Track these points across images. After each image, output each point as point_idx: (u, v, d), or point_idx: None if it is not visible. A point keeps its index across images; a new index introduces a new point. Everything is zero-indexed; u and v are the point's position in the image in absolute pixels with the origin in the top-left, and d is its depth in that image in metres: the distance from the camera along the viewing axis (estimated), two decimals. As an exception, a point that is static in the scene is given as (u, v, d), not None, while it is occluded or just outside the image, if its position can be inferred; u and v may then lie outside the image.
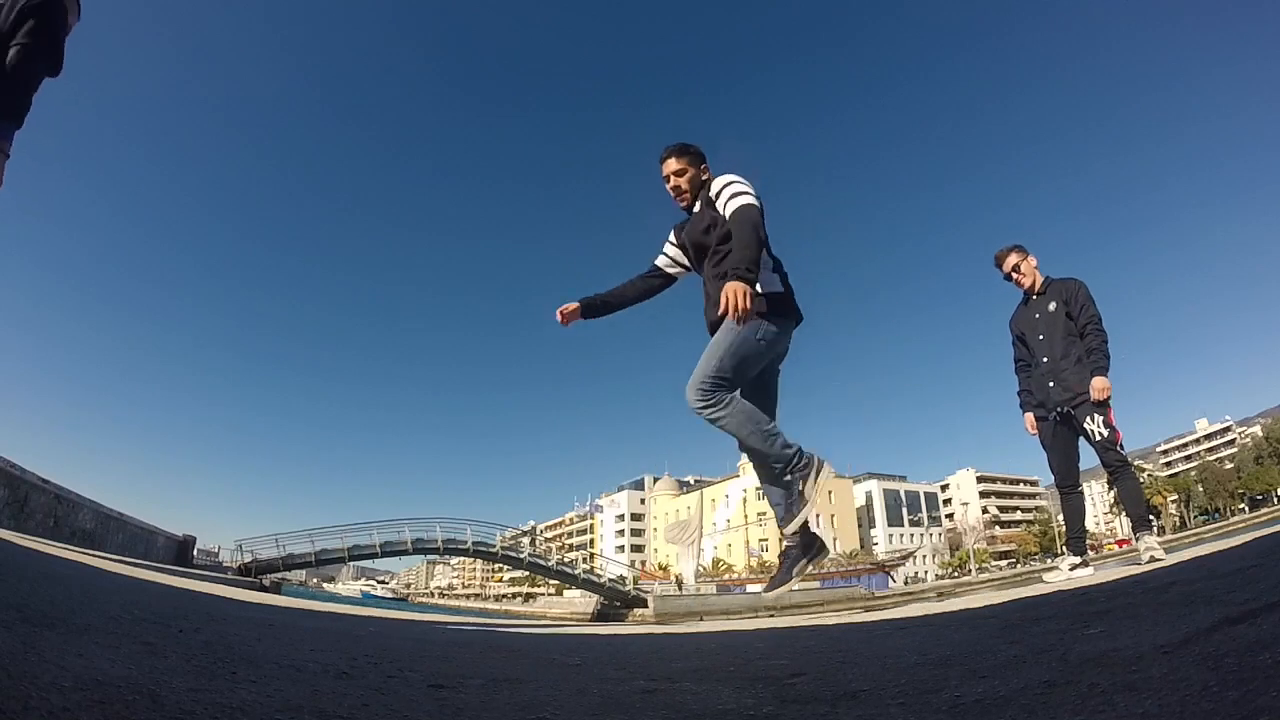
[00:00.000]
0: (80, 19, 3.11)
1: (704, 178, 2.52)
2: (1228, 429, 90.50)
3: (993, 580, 43.87)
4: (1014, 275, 4.01)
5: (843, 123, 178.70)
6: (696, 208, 2.50)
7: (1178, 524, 68.31)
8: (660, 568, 52.07)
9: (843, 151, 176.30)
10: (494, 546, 29.48)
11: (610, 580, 31.76)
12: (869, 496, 79.69)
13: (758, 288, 2.11)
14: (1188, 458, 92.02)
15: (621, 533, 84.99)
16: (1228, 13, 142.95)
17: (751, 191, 2.32)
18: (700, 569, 44.52)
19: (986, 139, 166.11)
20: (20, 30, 2.71)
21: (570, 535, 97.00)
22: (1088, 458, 3.84)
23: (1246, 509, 65.00)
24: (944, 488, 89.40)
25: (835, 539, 69.26)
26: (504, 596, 73.84)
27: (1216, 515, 68.83)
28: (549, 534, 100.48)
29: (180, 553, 8.84)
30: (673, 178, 2.51)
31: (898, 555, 56.35)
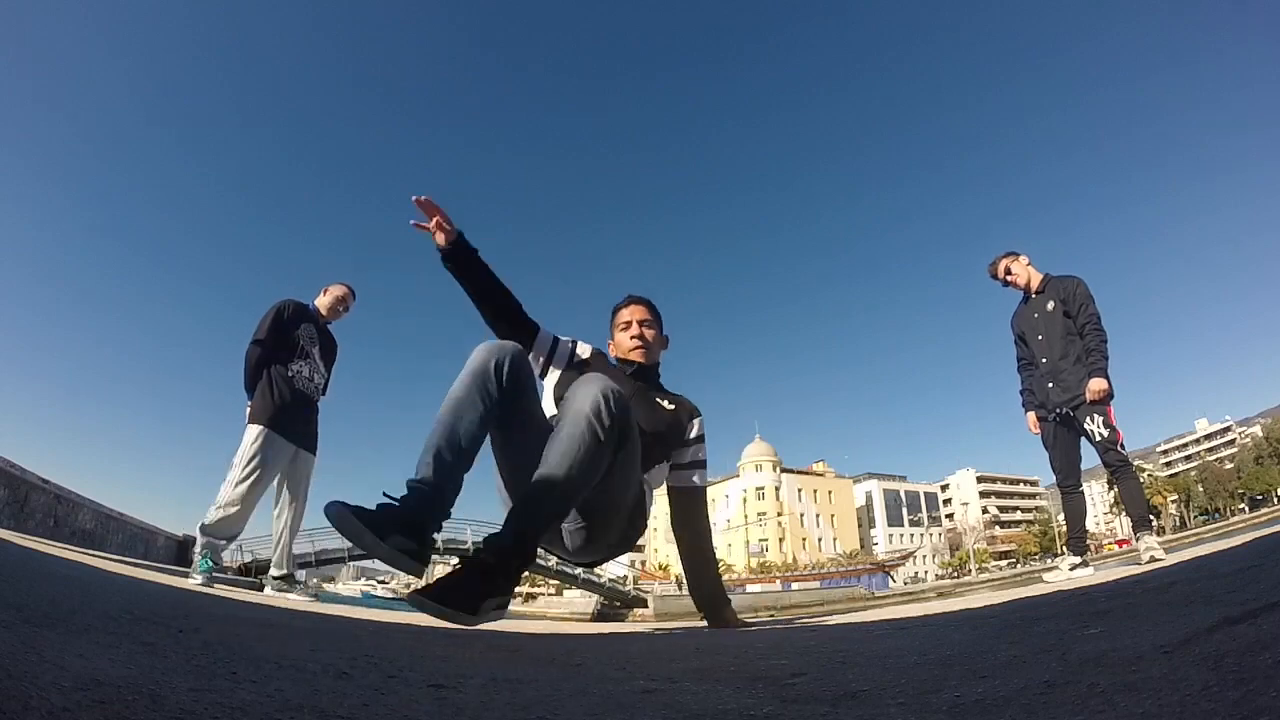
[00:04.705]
0: (356, 298, 4.28)
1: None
2: (1228, 429, 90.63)
3: (993, 580, 43.90)
4: (1007, 278, 4.00)
5: (841, 113, 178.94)
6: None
7: (1178, 524, 68.35)
8: (660, 568, 52.10)
9: (842, 144, 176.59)
10: (494, 546, 29.52)
11: (610, 580, 31.74)
12: (869, 496, 79.80)
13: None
14: (1188, 458, 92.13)
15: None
16: (1225, 5, 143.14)
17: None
18: (700, 569, 44.33)
19: (985, 134, 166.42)
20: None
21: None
22: (1089, 457, 3.84)
23: (1246, 509, 65.04)
24: (944, 488, 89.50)
25: (835, 539, 69.55)
26: (504, 596, 73.74)
27: (1216, 515, 68.88)
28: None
29: (180, 553, 8.85)
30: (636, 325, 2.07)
31: (898, 555, 56.43)
